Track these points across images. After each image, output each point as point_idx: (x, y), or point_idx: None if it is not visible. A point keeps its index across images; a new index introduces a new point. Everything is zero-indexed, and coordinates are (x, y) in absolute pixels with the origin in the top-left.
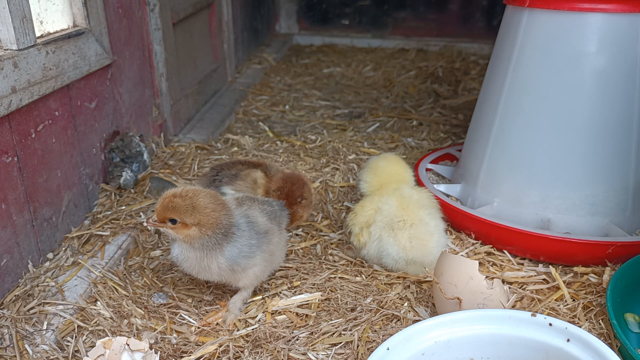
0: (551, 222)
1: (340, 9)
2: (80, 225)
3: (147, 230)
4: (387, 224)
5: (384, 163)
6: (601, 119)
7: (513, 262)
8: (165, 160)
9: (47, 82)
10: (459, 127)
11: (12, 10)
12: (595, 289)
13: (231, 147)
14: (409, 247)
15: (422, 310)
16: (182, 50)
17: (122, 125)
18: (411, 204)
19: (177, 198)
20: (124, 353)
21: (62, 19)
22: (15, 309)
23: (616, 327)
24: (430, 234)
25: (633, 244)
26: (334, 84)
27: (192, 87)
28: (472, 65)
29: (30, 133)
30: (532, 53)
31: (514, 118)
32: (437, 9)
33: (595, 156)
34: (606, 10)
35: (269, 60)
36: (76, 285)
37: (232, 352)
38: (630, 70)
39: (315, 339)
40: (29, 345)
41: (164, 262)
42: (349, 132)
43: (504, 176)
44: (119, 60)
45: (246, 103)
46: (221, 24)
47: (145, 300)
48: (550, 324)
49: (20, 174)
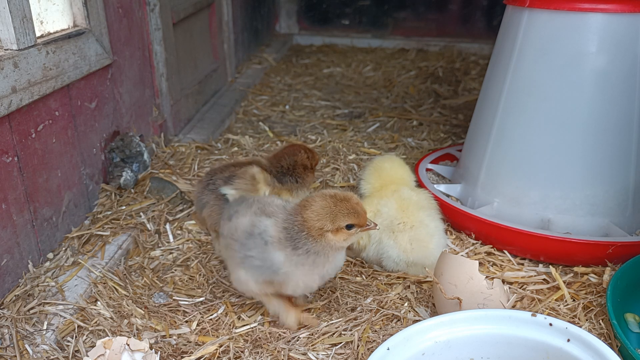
0: (551, 222)
1: (340, 9)
2: (80, 225)
3: (148, 230)
4: (386, 226)
5: (388, 165)
6: (601, 119)
7: (513, 262)
8: (165, 160)
9: (47, 82)
10: (459, 127)
11: (12, 10)
12: (596, 289)
13: (231, 147)
14: (409, 249)
15: (422, 310)
16: (182, 50)
17: (122, 125)
18: (411, 205)
19: (352, 201)
20: (124, 353)
21: (62, 18)
22: (15, 309)
23: (616, 327)
24: (430, 236)
25: (633, 244)
26: (334, 84)
27: (192, 87)
28: (472, 66)
29: (30, 133)
30: (532, 53)
31: (514, 118)
32: (437, 9)
33: (596, 156)
34: (606, 10)
35: (269, 60)
36: (76, 285)
37: (232, 352)
38: (630, 70)
39: (316, 339)
40: (29, 345)
41: (164, 262)
42: (349, 132)
43: (504, 176)
44: (119, 60)
45: (246, 103)
46: (221, 24)
47: (146, 300)
48: (550, 324)
49: (21, 174)
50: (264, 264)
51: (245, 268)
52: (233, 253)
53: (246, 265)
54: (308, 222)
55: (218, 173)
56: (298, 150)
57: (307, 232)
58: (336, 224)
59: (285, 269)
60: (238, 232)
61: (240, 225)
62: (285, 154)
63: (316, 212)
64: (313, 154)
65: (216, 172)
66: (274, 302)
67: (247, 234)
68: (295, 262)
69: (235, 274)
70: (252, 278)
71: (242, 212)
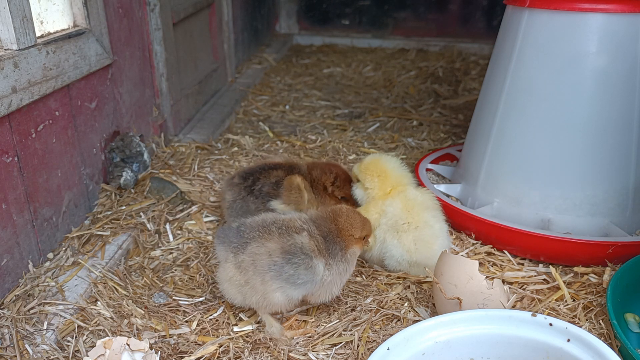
0: (551, 222)
1: (340, 9)
2: (80, 225)
3: (148, 230)
4: (391, 226)
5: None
6: (601, 119)
7: (513, 262)
8: (165, 160)
9: (47, 82)
10: (459, 127)
11: (12, 10)
12: (596, 289)
13: (231, 147)
14: (413, 249)
15: (422, 310)
16: (182, 50)
17: (122, 125)
18: (416, 206)
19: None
20: (124, 353)
21: (62, 18)
22: (15, 309)
23: (616, 327)
24: (435, 237)
25: (633, 244)
26: (334, 84)
27: (192, 87)
28: (472, 66)
29: (30, 133)
30: (532, 53)
31: (514, 118)
32: (437, 9)
33: (596, 156)
34: (606, 11)
35: (269, 60)
36: (76, 285)
37: (232, 352)
38: (630, 70)
39: (316, 339)
40: (29, 345)
41: (164, 262)
42: (349, 132)
43: (504, 176)
44: (119, 60)
45: (246, 103)
46: (221, 24)
47: (146, 300)
48: (550, 324)
49: (21, 174)
50: (309, 279)
51: (283, 289)
52: (265, 277)
53: (288, 283)
54: (342, 231)
55: (261, 177)
56: (330, 170)
57: (340, 239)
58: (363, 233)
59: (326, 278)
60: (274, 256)
61: (272, 248)
62: (319, 167)
63: (349, 221)
64: (340, 182)
65: (258, 177)
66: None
67: (288, 253)
68: (334, 270)
69: (269, 299)
70: (291, 296)
71: (259, 237)
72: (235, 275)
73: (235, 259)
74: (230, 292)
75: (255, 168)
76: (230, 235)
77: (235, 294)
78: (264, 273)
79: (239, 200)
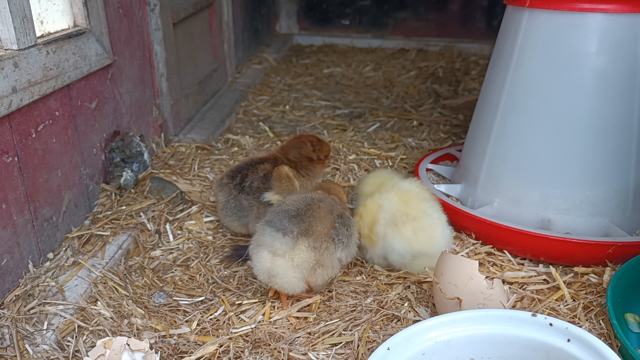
0: (551, 222)
1: (340, 9)
2: (80, 225)
3: (148, 230)
4: (390, 220)
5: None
6: (601, 119)
7: (513, 262)
8: (165, 160)
9: (47, 82)
10: (459, 127)
11: (12, 10)
12: (596, 289)
13: (231, 147)
14: (414, 239)
15: (422, 310)
16: (182, 50)
17: (122, 125)
18: (412, 197)
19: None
20: (125, 353)
21: (62, 18)
22: (15, 309)
23: (616, 327)
24: (434, 225)
25: (633, 244)
26: (334, 84)
27: (192, 87)
28: (472, 66)
29: (30, 133)
30: (532, 53)
31: (514, 118)
32: (437, 9)
33: (596, 156)
34: (606, 11)
35: (269, 61)
36: (76, 285)
37: (232, 352)
38: (630, 70)
39: (316, 339)
40: (29, 345)
41: (164, 262)
42: (349, 132)
43: (504, 176)
44: (119, 60)
45: (246, 103)
46: (221, 24)
47: (146, 300)
48: (550, 324)
49: (21, 174)
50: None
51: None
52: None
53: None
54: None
55: (249, 174)
56: (304, 143)
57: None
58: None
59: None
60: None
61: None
62: (292, 147)
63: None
64: (321, 145)
65: (246, 174)
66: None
67: (344, 223)
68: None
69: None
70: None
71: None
72: (308, 259)
73: (306, 242)
74: (293, 279)
75: (242, 165)
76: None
77: (298, 281)
78: (330, 243)
79: (231, 200)
